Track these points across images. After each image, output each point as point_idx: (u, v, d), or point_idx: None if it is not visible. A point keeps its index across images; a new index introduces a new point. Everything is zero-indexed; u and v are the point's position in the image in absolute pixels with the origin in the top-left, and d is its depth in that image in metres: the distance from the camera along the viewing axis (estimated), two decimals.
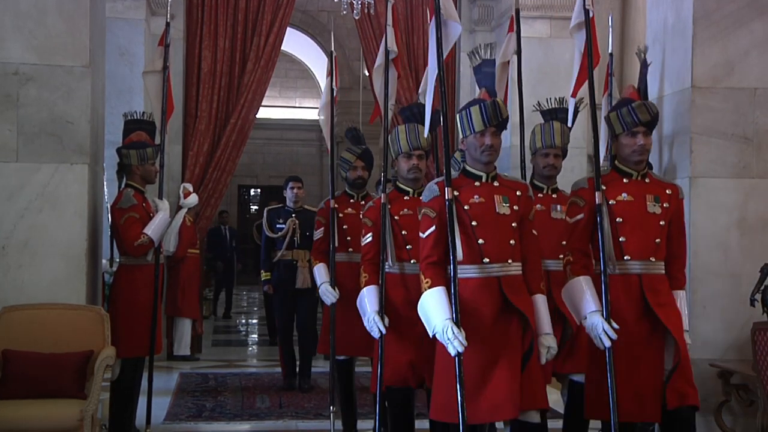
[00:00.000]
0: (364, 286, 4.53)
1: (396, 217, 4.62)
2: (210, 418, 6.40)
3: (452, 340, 3.53)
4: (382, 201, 4.64)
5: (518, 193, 3.88)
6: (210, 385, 7.72)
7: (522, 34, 5.57)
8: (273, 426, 6.31)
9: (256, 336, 12.27)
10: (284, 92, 20.90)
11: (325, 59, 19.07)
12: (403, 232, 4.56)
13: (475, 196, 3.80)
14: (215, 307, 13.51)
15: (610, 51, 6.63)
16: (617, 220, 3.99)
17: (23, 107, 5.29)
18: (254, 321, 14.13)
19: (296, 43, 17.25)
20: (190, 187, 8.63)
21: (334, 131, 5.74)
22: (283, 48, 9.59)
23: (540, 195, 4.83)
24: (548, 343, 3.83)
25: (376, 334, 4.46)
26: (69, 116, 5.34)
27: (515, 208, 3.83)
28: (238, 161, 9.28)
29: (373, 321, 4.43)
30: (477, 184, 3.84)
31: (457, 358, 3.56)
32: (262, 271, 7.88)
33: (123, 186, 5.61)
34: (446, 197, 3.73)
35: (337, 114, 17.97)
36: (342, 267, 5.53)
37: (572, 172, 8.87)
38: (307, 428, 6.27)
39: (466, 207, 3.78)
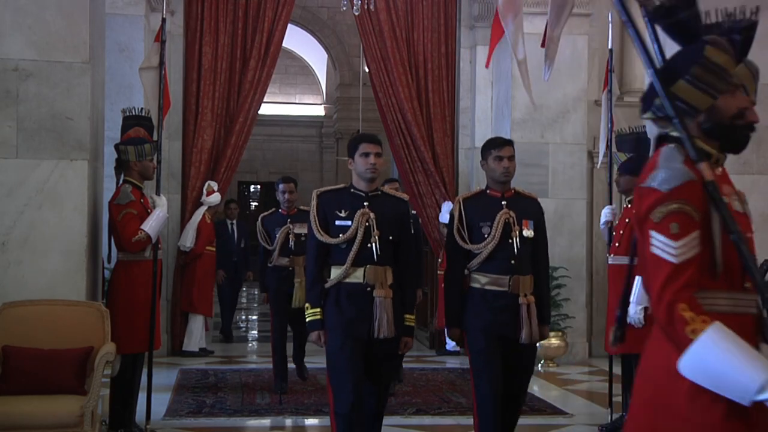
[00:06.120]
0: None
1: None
2: (210, 414, 6.39)
3: None
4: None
5: None
6: (210, 381, 7.71)
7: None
8: (273, 422, 6.31)
9: (256, 332, 12.27)
10: (284, 88, 20.92)
11: (325, 55, 19.16)
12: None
13: None
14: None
15: (610, 47, 6.63)
16: None
17: (23, 103, 5.29)
18: (254, 317, 14.13)
19: (296, 40, 17.26)
20: (215, 185, 8.63)
21: (334, 128, 5.36)
22: (283, 44, 9.58)
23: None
24: None
25: None
26: (69, 112, 5.34)
27: None
28: (241, 158, 9.29)
29: None
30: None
31: None
32: (307, 305, 4.42)
33: (121, 182, 5.61)
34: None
35: (337, 110, 18.10)
36: None
37: (573, 168, 8.89)
38: (308, 425, 6.27)
39: None
